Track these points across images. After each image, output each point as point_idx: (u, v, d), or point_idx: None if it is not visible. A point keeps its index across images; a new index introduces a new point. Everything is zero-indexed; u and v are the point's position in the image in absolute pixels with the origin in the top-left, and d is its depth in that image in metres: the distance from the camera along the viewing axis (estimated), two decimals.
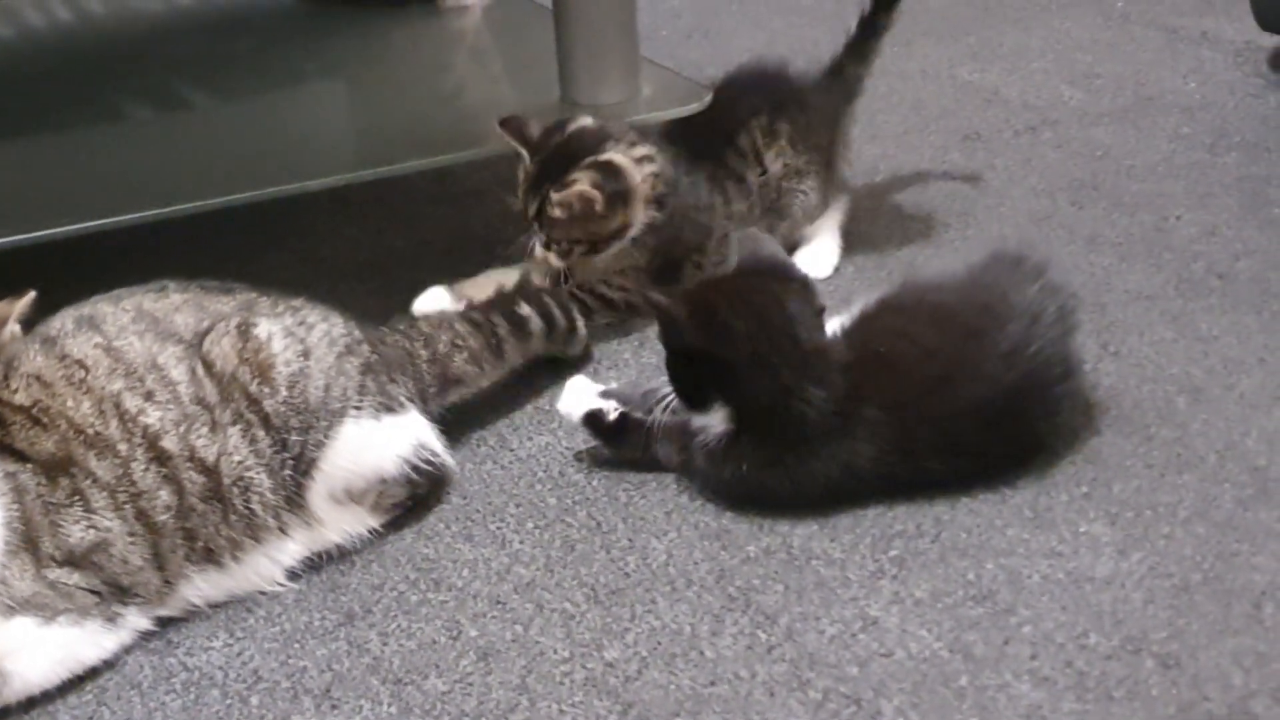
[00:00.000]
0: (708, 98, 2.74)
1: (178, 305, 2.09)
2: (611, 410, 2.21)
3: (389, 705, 1.84)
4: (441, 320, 2.35)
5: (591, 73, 2.75)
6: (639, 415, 2.21)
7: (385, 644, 1.94)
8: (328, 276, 2.82)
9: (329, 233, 3.03)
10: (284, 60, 3.30)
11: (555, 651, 1.91)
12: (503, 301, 2.43)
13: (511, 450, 2.30)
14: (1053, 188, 3.01)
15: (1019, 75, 3.58)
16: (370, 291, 2.77)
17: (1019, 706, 1.78)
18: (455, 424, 2.29)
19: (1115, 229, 2.83)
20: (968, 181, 3.06)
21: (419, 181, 2.83)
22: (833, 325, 2.17)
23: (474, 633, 1.95)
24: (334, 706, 1.85)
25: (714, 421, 2.11)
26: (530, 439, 2.33)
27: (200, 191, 2.56)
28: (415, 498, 2.16)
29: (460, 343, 2.30)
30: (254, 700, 1.87)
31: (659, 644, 1.91)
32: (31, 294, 2.03)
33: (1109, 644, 1.86)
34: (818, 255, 2.74)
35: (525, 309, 2.41)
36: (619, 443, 2.22)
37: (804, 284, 2.16)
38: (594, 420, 2.22)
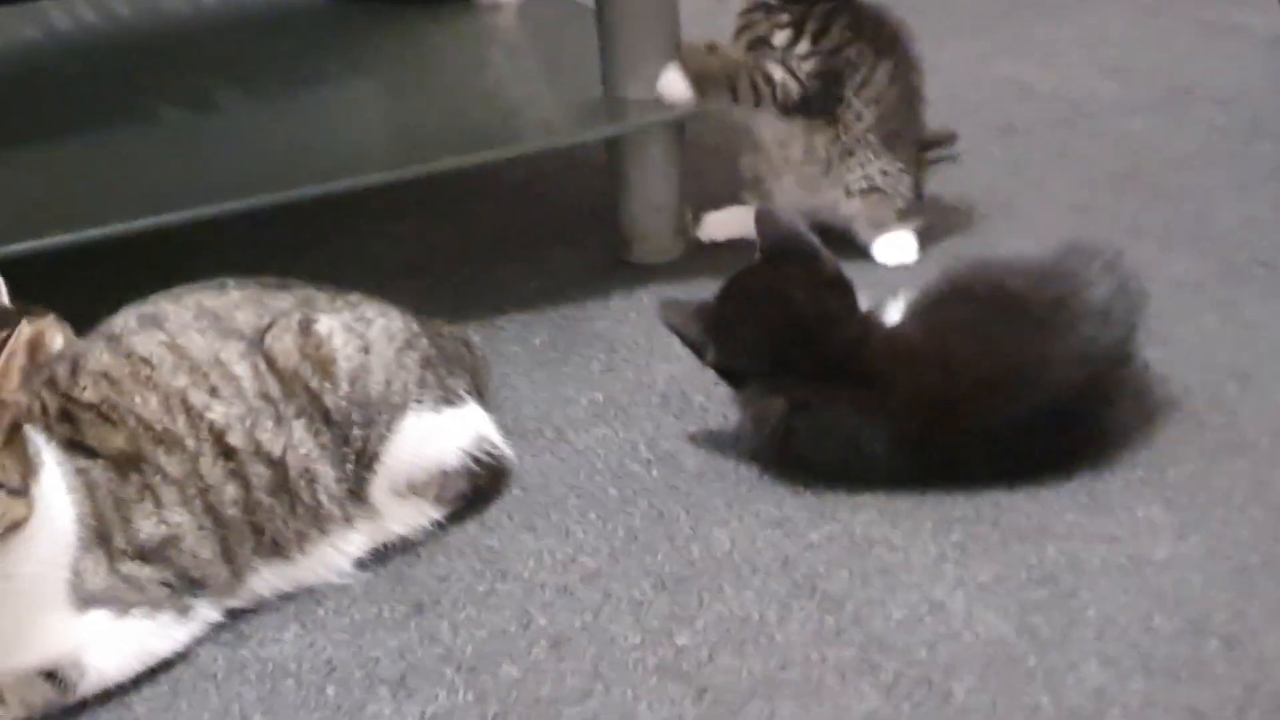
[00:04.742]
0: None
1: (237, 302, 2.10)
2: None
3: (465, 693, 1.86)
4: None
5: (635, 67, 2.76)
6: None
7: (456, 634, 1.96)
8: (374, 274, 2.82)
9: (373, 231, 3.05)
10: (320, 60, 3.30)
11: (625, 639, 1.93)
12: None
13: (569, 442, 2.32)
14: (1092, 178, 3.03)
15: (1052, 68, 3.60)
16: (419, 289, 2.78)
17: (1087, 687, 1.80)
18: (511, 417, 2.32)
19: (1156, 219, 2.85)
20: (1008, 173, 3.07)
21: (461, 179, 2.85)
22: (896, 306, 2.19)
23: (543, 621, 1.97)
24: (410, 695, 1.87)
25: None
26: (587, 431, 2.35)
27: (244, 191, 2.56)
28: (476, 490, 2.18)
29: None
30: (330, 690, 1.89)
31: (728, 630, 1.93)
32: (51, 316, 2.07)
33: (1172, 625, 1.88)
34: (899, 241, 2.77)
35: None
36: None
37: (826, 264, 2.19)
38: None
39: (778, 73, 2.71)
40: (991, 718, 1.77)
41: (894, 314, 2.21)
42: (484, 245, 2.96)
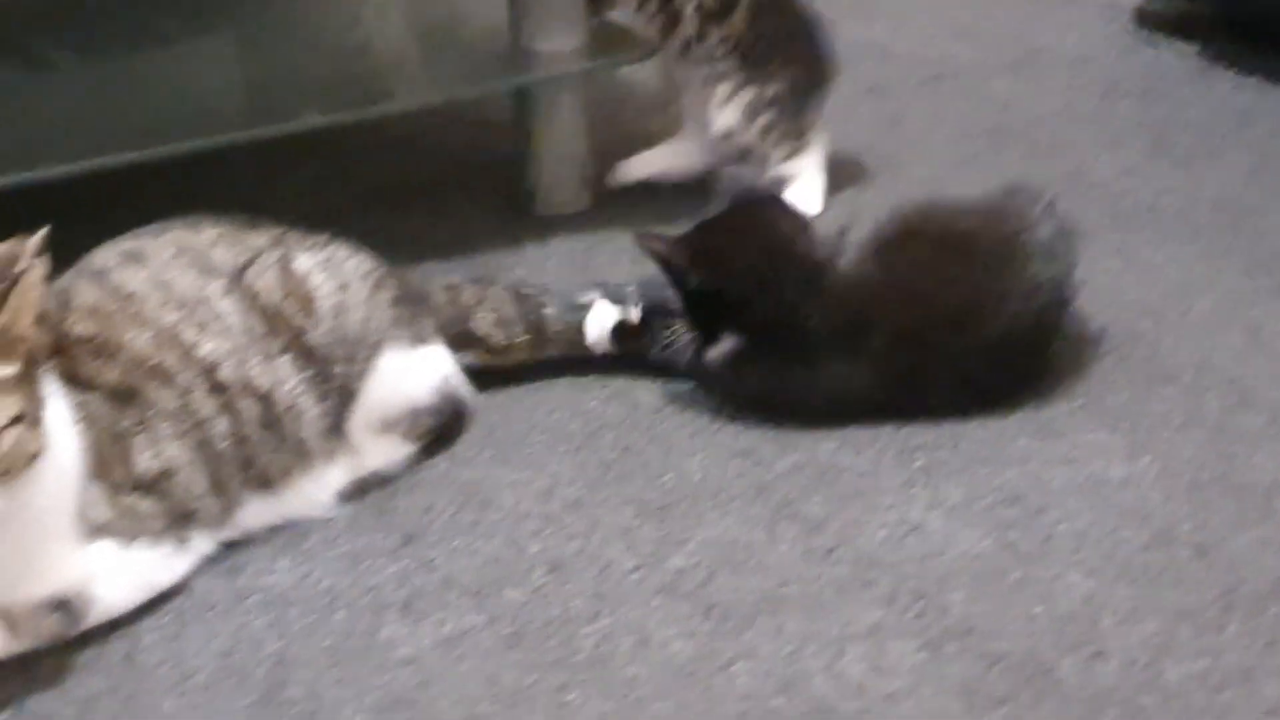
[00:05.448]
0: (654, 50, 2.83)
1: (214, 240, 2.12)
2: (634, 314, 2.32)
3: (475, 614, 1.91)
4: (484, 282, 2.40)
5: (543, 19, 2.80)
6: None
7: (452, 561, 2.00)
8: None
9: (265, 182, 3.03)
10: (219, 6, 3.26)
11: (621, 563, 1.98)
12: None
13: (519, 383, 2.36)
14: (967, 134, 3.14)
15: (903, 32, 3.70)
16: None
17: (1076, 594, 1.90)
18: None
19: (1039, 170, 2.94)
20: (886, 130, 3.17)
21: (349, 132, 2.86)
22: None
23: (536, 548, 2.02)
24: (420, 618, 1.91)
25: (724, 343, 2.22)
26: (535, 371, 2.38)
27: (134, 143, 2.55)
28: (442, 426, 2.21)
29: (492, 304, 2.35)
30: (339, 615, 1.92)
31: (720, 552, 1.99)
32: (45, 229, 2.04)
33: (1141, 538, 1.99)
34: (806, 191, 2.83)
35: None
36: (640, 341, 2.33)
37: (789, 206, 2.34)
38: (621, 329, 2.33)
39: None
40: (992, 625, 1.86)
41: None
42: (383, 198, 2.97)
